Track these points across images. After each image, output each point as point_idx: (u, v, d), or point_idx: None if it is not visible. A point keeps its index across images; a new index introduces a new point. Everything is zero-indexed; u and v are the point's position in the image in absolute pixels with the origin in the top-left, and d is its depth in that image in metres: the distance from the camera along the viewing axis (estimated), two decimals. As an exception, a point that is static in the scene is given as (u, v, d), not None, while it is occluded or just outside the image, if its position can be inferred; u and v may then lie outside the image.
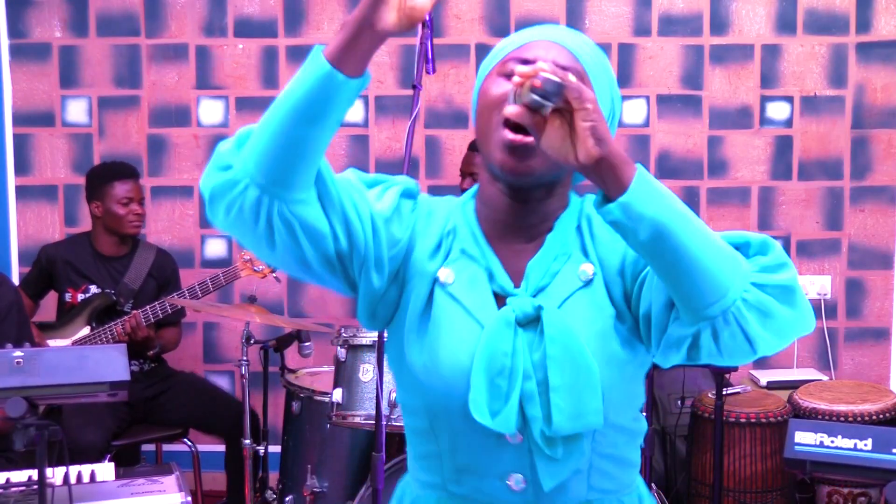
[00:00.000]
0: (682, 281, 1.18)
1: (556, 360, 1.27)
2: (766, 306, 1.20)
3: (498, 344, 1.28)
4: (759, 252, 1.24)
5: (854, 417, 3.46)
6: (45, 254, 3.79)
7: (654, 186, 1.15)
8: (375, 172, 1.40)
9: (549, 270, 1.33)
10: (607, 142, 1.13)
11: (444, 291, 1.34)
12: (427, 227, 1.38)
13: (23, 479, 2.41)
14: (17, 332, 2.93)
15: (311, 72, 1.18)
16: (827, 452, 1.71)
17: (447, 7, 4.20)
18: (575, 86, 1.12)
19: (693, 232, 1.17)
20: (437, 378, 1.31)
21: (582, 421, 1.27)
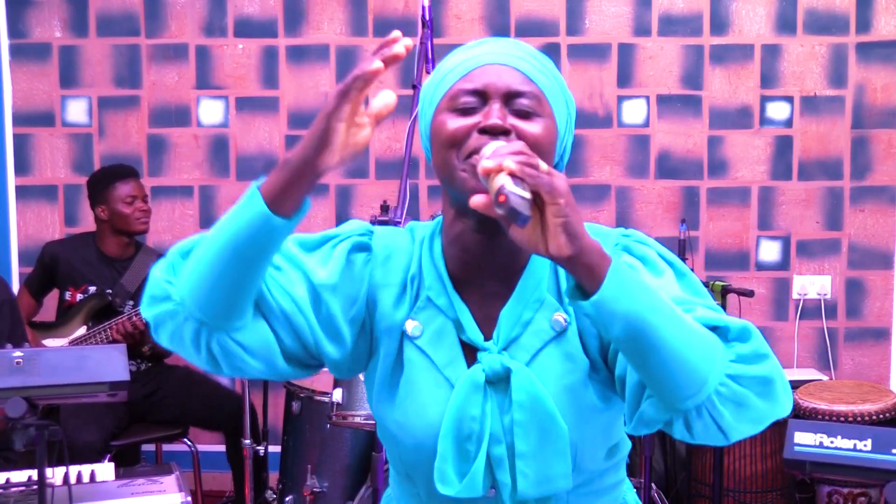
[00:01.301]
0: (656, 375, 1.13)
1: (522, 426, 1.23)
2: (741, 399, 1.15)
3: (467, 407, 1.24)
4: (737, 339, 1.16)
5: (854, 417, 3.46)
6: (49, 251, 3.80)
7: (628, 282, 1.09)
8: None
9: (521, 320, 1.27)
10: (580, 237, 1.07)
11: (413, 345, 1.29)
12: (387, 274, 1.32)
13: (23, 479, 2.41)
14: (11, 330, 2.93)
15: (248, 214, 1.17)
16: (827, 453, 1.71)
17: (447, 7, 4.20)
18: (546, 182, 1.06)
19: (669, 326, 1.11)
20: (408, 436, 1.29)
21: (548, 486, 1.24)
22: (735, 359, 1.15)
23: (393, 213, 2.91)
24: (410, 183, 3.63)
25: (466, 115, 1.24)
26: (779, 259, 4.28)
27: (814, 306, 4.28)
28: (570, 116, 1.32)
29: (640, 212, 4.27)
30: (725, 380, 1.14)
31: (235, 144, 4.28)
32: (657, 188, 4.26)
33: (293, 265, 1.29)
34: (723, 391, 1.14)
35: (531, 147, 1.17)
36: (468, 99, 1.25)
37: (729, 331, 1.16)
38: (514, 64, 1.26)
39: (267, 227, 1.16)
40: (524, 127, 1.23)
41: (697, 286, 1.28)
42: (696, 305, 1.20)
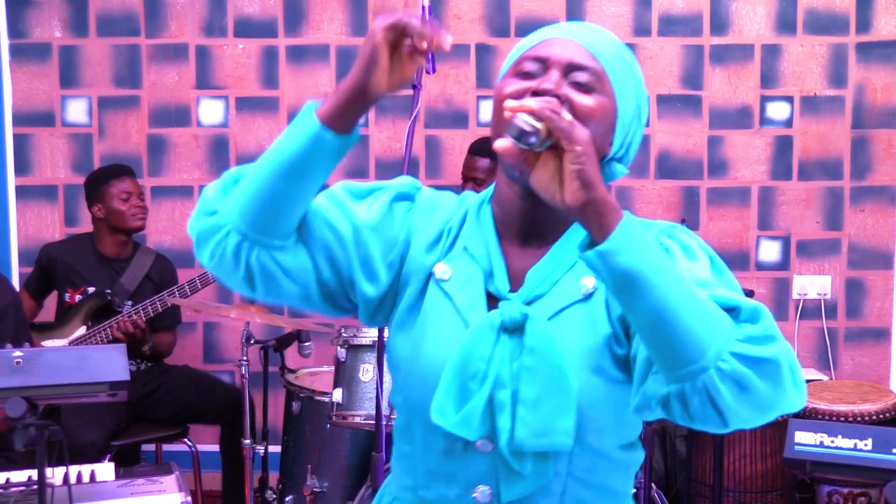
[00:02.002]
0: (655, 337, 1.12)
1: (530, 372, 1.22)
2: (743, 379, 1.10)
3: (477, 347, 1.24)
4: (748, 319, 1.13)
5: (854, 417, 3.46)
6: (46, 253, 3.80)
7: (636, 237, 1.10)
8: (375, 177, 1.42)
9: (549, 279, 1.29)
10: (594, 187, 1.09)
11: (438, 286, 1.32)
12: (426, 223, 1.36)
13: (23, 479, 2.41)
14: (15, 332, 2.93)
15: (302, 130, 1.22)
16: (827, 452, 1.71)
17: (447, 7, 4.20)
18: (564, 125, 1.09)
19: (672, 289, 1.10)
20: (415, 373, 1.30)
21: (547, 439, 1.22)
22: (742, 338, 1.12)
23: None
24: (410, 183, 3.63)
25: (526, 79, 1.28)
26: (779, 259, 4.28)
27: (814, 306, 4.28)
28: (640, 108, 1.34)
29: (640, 212, 4.26)
30: (728, 356, 1.10)
31: (235, 144, 4.28)
32: (657, 188, 4.26)
33: (337, 205, 1.33)
34: (724, 367, 1.10)
35: (581, 119, 1.20)
36: (530, 65, 1.28)
37: (741, 311, 1.14)
38: (582, 40, 1.29)
39: (319, 143, 1.21)
40: (577, 98, 1.26)
41: (729, 278, 1.26)
42: (716, 287, 1.18)
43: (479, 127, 4.21)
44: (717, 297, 1.15)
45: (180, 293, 3.61)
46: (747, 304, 1.14)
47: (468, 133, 4.21)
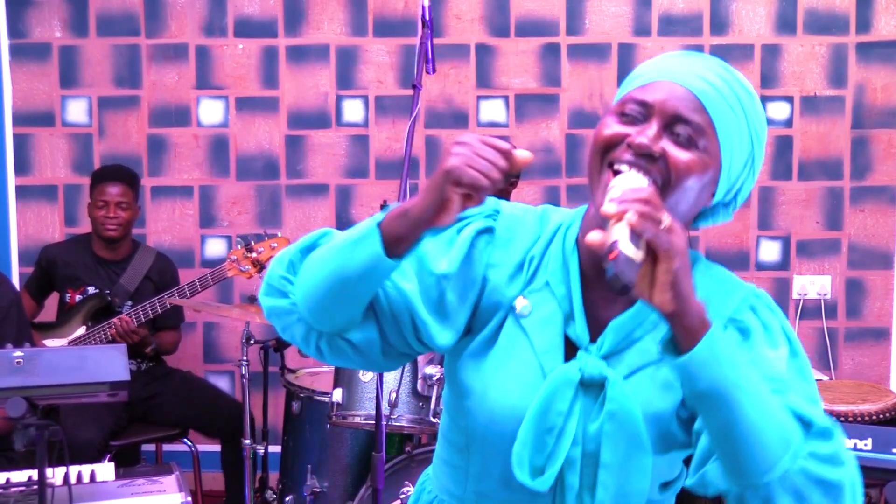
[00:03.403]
0: (724, 447, 1.14)
1: (611, 437, 1.22)
2: (803, 494, 1.13)
3: (555, 400, 1.23)
4: (819, 435, 1.15)
5: (854, 417, 3.46)
6: (45, 254, 3.81)
7: (719, 353, 1.09)
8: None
9: (631, 335, 1.26)
10: (685, 299, 1.08)
11: (516, 322, 1.29)
12: (506, 254, 1.32)
13: (23, 479, 2.41)
14: (17, 332, 2.93)
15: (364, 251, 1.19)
16: (827, 452, 1.70)
17: (447, 7, 4.20)
18: (664, 240, 1.06)
19: (749, 406, 1.11)
20: (485, 409, 1.28)
21: (625, 501, 1.24)
22: (810, 454, 1.13)
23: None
24: (410, 183, 3.63)
25: (628, 123, 1.23)
26: (779, 259, 4.28)
27: (814, 306, 4.28)
28: (753, 155, 1.27)
29: (640, 212, 4.26)
30: (793, 472, 1.13)
31: (235, 144, 4.28)
32: (657, 188, 4.26)
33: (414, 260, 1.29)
34: (787, 482, 1.12)
35: (673, 175, 1.18)
36: (634, 108, 1.23)
37: (812, 425, 1.15)
38: (695, 87, 1.22)
39: (379, 267, 1.19)
40: (674, 153, 1.20)
41: (805, 371, 1.25)
42: (791, 390, 1.18)
43: (480, 127, 4.21)
44: (791, 406, 1.15)
45: (180, 295, 3.61)
46: (820, 420, 1.15)
47: (468, 133, 4.20)
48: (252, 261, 3.60)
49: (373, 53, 4.23)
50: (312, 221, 4.29)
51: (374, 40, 4.23)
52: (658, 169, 1.19)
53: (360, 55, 4.23)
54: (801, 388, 1.20)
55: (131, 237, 3.83)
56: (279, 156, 4.27)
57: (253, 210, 4.24)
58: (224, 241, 4.26)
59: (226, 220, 4.26)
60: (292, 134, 4.27)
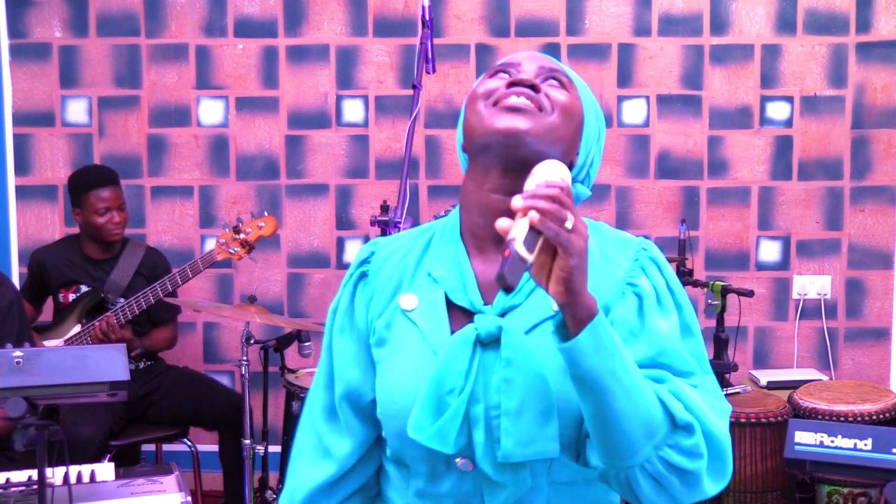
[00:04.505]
0: (596, 429, 1.20)
1: (510, 383, 1.23)
2: (663, 480, 1.21)
3: (454, 362, 1.25)
4: (683, 430, 1.22)
5: (854, 417, 3.46)
6: (35, 259, 3.82)
7: (602, 344, 1.14)
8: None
9: (523, 289, 1.30)
10: (577, 293, 1.12)
11: (405, 317, 1.33)
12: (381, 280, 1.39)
13: (23, 479, 2.41)
14: (18, 331, 2.93)
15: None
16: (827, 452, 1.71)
17: (447, 7, 4.20)
18: (564, 239, 1.09)
19: (621, 395, 1.16)
20: (391, 402, 1.31)
21: (534, 447, 1.23)
22: (672, 444, 1.21)
23: (393, 213, 2.91)
24: (410, 183, 3.63)
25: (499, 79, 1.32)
26: (779, 259, 4.28)
27: (814, 306, 4.28)
28: (600, 132, 1.38)
29: (640, 212, 4.27)
30: (654, 459, 1.20)
31: (235, 144, 4.28)
32: (657, 188, 4.26)
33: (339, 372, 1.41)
34: (647, 468, 1.20)
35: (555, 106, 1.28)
36: (502, 69, 1.33)
37: (675, 418, 1.21)
38: (551, 59, 1.36)
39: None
40: (553, 92, 1.31)
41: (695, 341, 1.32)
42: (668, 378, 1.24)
43: (479, 127, 4.20)
44: (662, 397, 1.21)
45: (171, 283, 3.61)
46: (682, 417, 1.21)
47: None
48: (240, 242, 3.60)
49: (373, 53, 4.23)
50: (312, 221, 4.29)
51: (374, 40, 4.23)
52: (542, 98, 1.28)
53: (360, 55, 4.23)
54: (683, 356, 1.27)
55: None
56: (279, 156, 4.27)
57: (253, 210, 4.24)
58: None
59: (226, 220, 4.26)
60: (292, 134, 4.27)
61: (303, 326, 3.48)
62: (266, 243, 3.70)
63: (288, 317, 4.22)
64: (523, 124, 1.26)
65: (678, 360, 1.26)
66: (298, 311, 4.31)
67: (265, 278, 4.28)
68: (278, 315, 4.04)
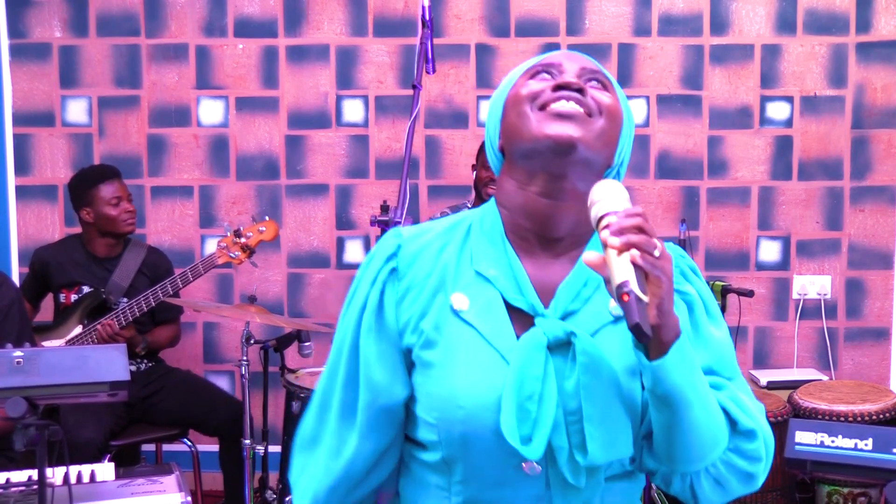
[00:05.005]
0: (667, 438, 1.24)
1: (589, 389, 1.23)
2: (723, 481, 1.29)
3: (530, 367, 1.24)
4: (744, 435, 1.28)
5: (854, 417, 3.46)
6: (38, 257, 3.81)
7: (685, 361, 1.19)
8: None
9: (581, 296, 1.29)
10: (667, 315, 1.16)
11: (458, 318, 1.29)
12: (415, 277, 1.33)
13: (23, 479, 2.41)
14: (19, 331, 2.93)
15: None
16: (827, 452, 1.71)
17: (447, 7, 4.20)
18: (658, 267, 1.13)
19: (698, 408, 1.21)
20: (455, 409, 1.26)
21: (615, 450, 1.25)
22: (733, 449, 1.28)
23: (393, 213, 2.91)
24: (410, 183, 3.63)
25: (542, 80, 1.31)
26: (779, 259, 4.28)
27: (814, 306, 4.28)
28: (632, 129, 1.38)
29: (640, 212, 4.26)
30: (718, 463, 1.28)
31: (235, 144, 4.28)
32: (657, 188, 4.26)
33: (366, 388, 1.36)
34: (711, 471, 1.28)
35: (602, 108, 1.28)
36: (544, 69, 1.32)
37: (738, 425, 1.28)
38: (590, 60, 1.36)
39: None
40: (598, 94, 1.30)
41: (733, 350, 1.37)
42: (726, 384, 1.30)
43: (480, 127, 4.21)
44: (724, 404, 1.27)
45: (172, 287, 3.61)
46: (746, 423, 1.28)
47: (468, 133, 4.21)
48: (241, 246, 3.60)
49: (373, 53, 4.23)
50: (312, 221, 4.29)
51: (374, 40, 4.23)
52: (589, 103, 1.27)
53: (360, 55, 4.23)
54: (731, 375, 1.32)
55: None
56: (279, 156, 4.27)
57: (253, 210, 4.24)
58: (224, 241, 4.26)
59: (226, 220, 4.25)
60: (292, 134, 4.27)
61: (303, 326, 3.48)
62: (266, 243, 3.70)
63: (288, 317, 4.22)
64: (575, 131, 1.25)
65: (728, 367, 1.32)
66: (298, 311, 4.31)
67: (265, 278, 4.28)
68: (278, 315, 4.04)
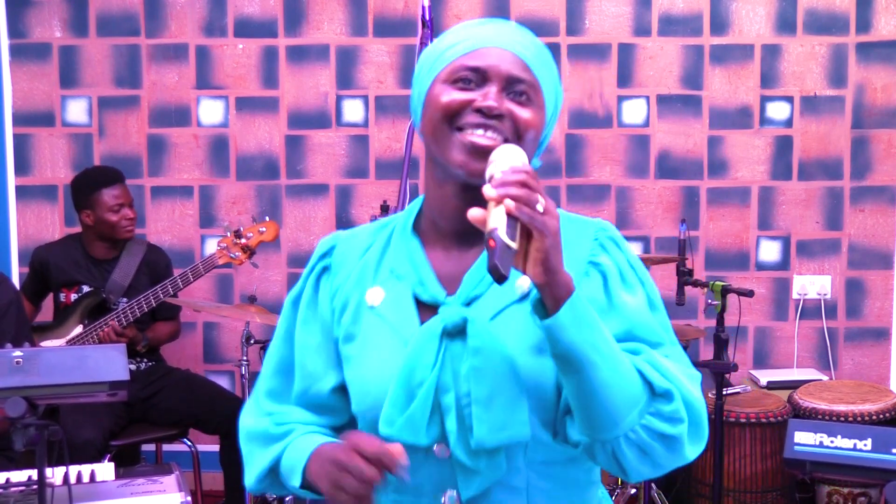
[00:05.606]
0: (579, 404, 1.22)
1: (478, 371, 1.25)
2: (647, 448, 1.24)
3: (421, 355, 1.27)
4: (662, 397, 1.24)
5: (854, 417, 3.46)
6: (37, 256, 3.81)
7: (581, 318, 1.17)
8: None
9: (485, 280, 1.32)
10: (554, 272, 1.15)
11: (372, 312, 1.36)
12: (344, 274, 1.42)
13: (23, 479, 2.41)
14: (16, 331, 2.93)
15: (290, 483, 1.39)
16: (827, 452, 1.71)
17: (447, 7, 4.20)
18: (539, 222, 1.13)
19: (603, 367, 1.19)
20: (365, 397, 1.33)
21: (506, 433, 1.25)
22: (653, 412, 1.24)
23: (393, 213, 2.91)
24: (410, 183, 3.63)
25: (464, 90, 1.30)
26: (779, 259, 4.28)
27: (814, 306, 4.28)
28: (557, 108, 1.39)
29: (639, 212, 4.27)
30: (637, 428, 1.23)
31: (235, 144, 4.28)
32: (657, 188, 4.26)
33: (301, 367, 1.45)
34: (631, 437, 1.23)
35: (520, 131, 1.29)
36: (468, 74, 1.30)
37: (654, 387, 1.24)
38: (517, 50, 1.32)
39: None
40: (518, 112, 1.30)
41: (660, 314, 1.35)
42: (643, 349, 1.28)
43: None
44: (639, 367, 1.24)
45: (173, 287, 3.61)
46: (661, 384, 1.24)
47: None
48: (241, 247, 3.60)
49: (373, 53, 4.23)
50: (312, 221, 4.29)
51: (374, 40, 4.23)
52: (507, 127, 1.28)
53: (360, 55, 4.23)
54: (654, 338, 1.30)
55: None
56: (279, 156, 4.27)
57: (253, 210, 4.24)
58: (224, 241, 4.26)
59: (226, 220, 4.25)
60: (292, 134, 4.27)
61: (303, 326, 3.47)
62: (266, 243, 3.70)
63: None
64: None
65: (649, 332, 1.30)
66: (298, 311, 4.30)
67: (265, 278, 4.28)
68: (278, 315, 4.03)
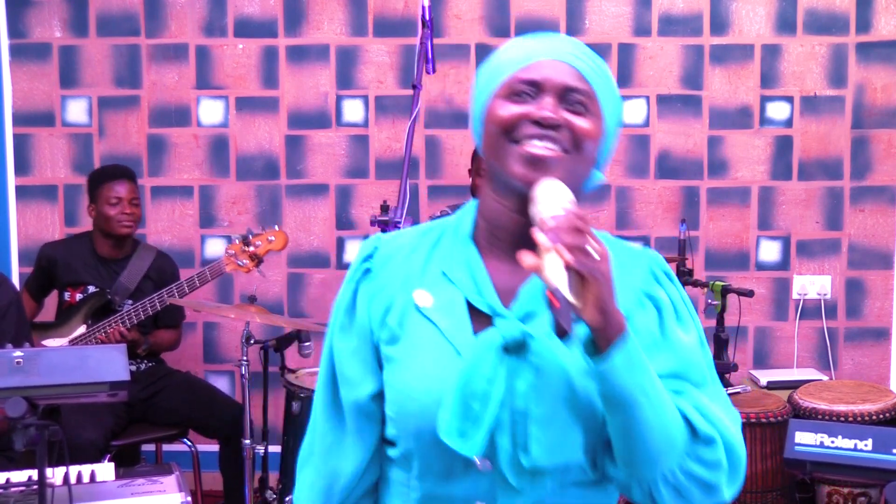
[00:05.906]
0: (621, 441, 1.23)
1: (538, 391, 1.24)
2: (683, 490, 1.26)
3: (479, 366, 1.25)
4: (703, 442, 1.26)
5: (854, 417, 3.46)
6: (45, 253, 3.80)
7: (633, 361, 1.18)
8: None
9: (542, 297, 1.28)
10: (609, 314, 1.16)
11: (420, 314, 1.32)
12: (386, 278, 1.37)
13: (23, 479, 2.41)
14: (16, 331, 2.93)
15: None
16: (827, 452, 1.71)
17: (447, 7, 4.20)
18: (592, 268, 1.14)
19: (649, 410, 1.20)
20: (410, 402, 1.29)
21: (561, 454, 1.25)
22: (692, 456, 1.25)
23: (393, 213, 2.91)
24: (410, 183, 3.63)
25: (520, 103, 1.29)
26: (779, 259, 4.28)
27: (814, 306, 4.28)
28: (618, 119, 1.37)
29: (640, 212, 4.27)
30: (676, 470, 1.25)
31: (235, 144, 4.28)
32: (657, 188, 4.26)
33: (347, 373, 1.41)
34: (669, 478, 1.25)
35: (578, 141, 1.27)
36: (524, 88, 1.29)
37: (697, 431, 1.26)
38: (572, 61, 1.31)
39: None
40: (575, 121, 1.28)
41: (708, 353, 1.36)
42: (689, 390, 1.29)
43: (479, 127, 4.20)
44: (684, 410, 1.25)
45: (179, 292, 3.60)
46: (705, 430, 1.25)
47: (468, 133, 4.19)
48: (249, 255, 3.59)
49: (373, 53, 4.23)
50: (312, 221, 4.29)
51: (374, 40, 4.23)
52: (564, 137, 1.27)
53: (360, 55, 4.23)
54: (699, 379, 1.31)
55: (133, 235, 3.84)
56: (279, 156, 4.27)
57: (253, 210, 4.24)
58: (224, 241, 4.26)
59: (226, 220, 4.26)
60: (292, 134, 4.27)
61: (303, 326, 3.48)
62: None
63: (288, 317, 4.22)
64: (549, 174, 1.25)
65: (696, 372, 1.31)
66: (298, 311, 4.31)
67: (265, 278, 4.28)
68: (278, 315, 4.04)
